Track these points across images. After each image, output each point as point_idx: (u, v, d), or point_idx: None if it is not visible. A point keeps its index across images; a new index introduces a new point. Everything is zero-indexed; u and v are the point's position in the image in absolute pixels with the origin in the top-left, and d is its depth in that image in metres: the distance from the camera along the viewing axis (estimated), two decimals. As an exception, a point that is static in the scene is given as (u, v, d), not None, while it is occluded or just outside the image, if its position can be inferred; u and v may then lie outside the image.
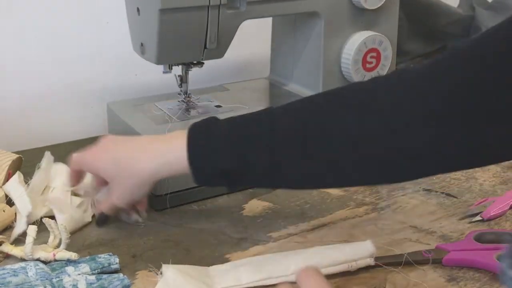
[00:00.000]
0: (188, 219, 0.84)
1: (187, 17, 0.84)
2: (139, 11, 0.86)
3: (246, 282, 0.69)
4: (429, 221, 0.83)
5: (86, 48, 1.09)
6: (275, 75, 1.09)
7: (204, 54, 0.89)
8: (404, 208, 0.86)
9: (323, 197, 0.89)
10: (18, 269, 0.68)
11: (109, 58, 1.12)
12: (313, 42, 0.99)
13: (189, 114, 0.93)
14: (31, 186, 0.82)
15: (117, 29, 1.07)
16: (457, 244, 0.76)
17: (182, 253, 0.76)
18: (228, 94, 1.02)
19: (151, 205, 0.86)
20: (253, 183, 0.78)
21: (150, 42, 0.86)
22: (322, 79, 0.99)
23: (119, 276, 0.69)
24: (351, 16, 0.98)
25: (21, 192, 0.80)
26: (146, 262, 0.73)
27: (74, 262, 0.71)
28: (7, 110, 1.05)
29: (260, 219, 0.84)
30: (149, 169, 0.72)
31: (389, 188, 0.92)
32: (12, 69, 1.05)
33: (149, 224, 0.82)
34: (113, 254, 0.73)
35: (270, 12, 0.94)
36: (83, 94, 1.11)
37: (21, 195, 0.80)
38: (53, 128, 1.09)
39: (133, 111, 0.94)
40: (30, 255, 0.71)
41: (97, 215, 0.80)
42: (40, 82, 1.07)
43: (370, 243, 0.72)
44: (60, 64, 1.08)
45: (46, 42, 1.06)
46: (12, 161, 0.87)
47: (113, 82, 1.13)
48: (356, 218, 0.84)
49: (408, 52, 1.42)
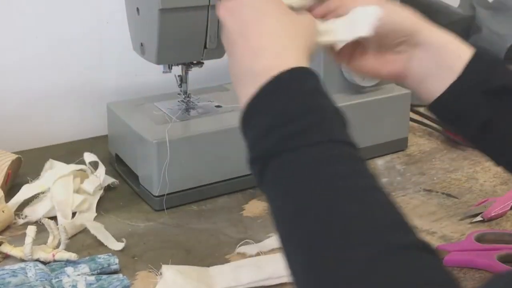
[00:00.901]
0: (188, 219, 0.84)
1: (187, 17, 0.84)
2: (139, 11, 0.86)
3: (246, 282, 0.69)
4: (429, 221, 0.82)
5: (86, 48, 1.09)
6: (275, 75, 1.09)
7: (204, 54, 0.88)
8: (405, 209, 0.86)
9: (323, 198, 0.89)
10: (17, 269, 0.68)
11: (109, 58, 1.11)
12: (313, 42, 0.99)
13: (189, 114, 0.93)
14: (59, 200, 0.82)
15: (117, 29, 1.06)
16: (457, 244, 0.76)
17: (182, 253, 0.76)
18: (228, 94, 1.02)
19: (151, 205, 0.86)
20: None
21: (150, 42, 0.86)
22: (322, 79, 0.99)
23: (118, 276, 0.69)
24: (351, 16, 0.98)
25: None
26: (146, 262, 0.73)
27: (73, 262, 0.71)
28: (7, 110, 1.05)
29: (260, 219, 0.84)
30: None
31: (390, 189, 0.92)
32: (12, 69, 1.05)
33: (149, 224, 0.82)
34: (112, 255, 0.73)
35: (270, 12, 0.94)
36: (83, 94, 1.11)
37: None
38: (53, 128, 1.09)
39: (133, 111, 0.94)
40: (29, 256, 0.71)
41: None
42: (40, 82, 1.07)
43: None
44: (60, 64, 1.08)
45: (46, 42, 1.06)
46: (12, 161, 0.87)
47: (113, 82, 1.13)
48: (356, 219, 0.84)
49: (408, 52, 1.42)
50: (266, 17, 0.58)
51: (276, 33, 0.57)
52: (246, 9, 0.58)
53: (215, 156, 0.87)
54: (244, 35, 0.57)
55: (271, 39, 0.56)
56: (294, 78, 0.53)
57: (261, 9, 0.58)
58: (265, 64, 0.54)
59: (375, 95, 1.01)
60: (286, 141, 0.49)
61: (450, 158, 1.01)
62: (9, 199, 0.83)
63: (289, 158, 0.49)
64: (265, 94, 0.52)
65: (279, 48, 0.56)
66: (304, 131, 0.49)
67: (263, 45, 0.56)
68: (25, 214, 0.82)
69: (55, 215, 0.81)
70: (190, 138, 0.86)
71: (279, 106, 0.51)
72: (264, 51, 0.55)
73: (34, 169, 0.90)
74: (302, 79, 0.54)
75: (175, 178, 0.85)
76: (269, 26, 0.57)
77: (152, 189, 0.85)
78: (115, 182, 0.91)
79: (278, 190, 0.49)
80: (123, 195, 0.90)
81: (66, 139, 1.07)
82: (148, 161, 0.85)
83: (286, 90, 0.52)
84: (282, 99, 0.51)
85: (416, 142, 1.08)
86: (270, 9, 0.58)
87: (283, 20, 0.58)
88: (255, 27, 0.57)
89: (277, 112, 0.51)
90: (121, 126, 0.92)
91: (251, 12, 0.58)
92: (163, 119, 0.90)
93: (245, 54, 0.56)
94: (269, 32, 0.57)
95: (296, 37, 0.58)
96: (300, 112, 0.50)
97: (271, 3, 0.59)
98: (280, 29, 0.57)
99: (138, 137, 0.86)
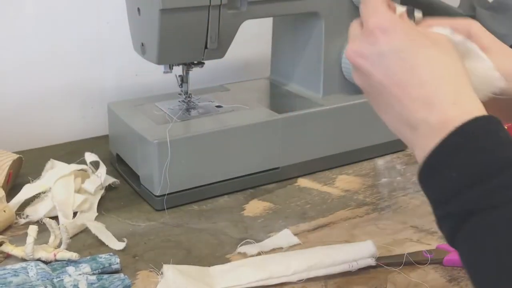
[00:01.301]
0: (189, 219, 0.84)
1: (188, 17, 0.84)
2: (139, 11, 0.86)
3: (247, 282, 0.69)
4: (430, 221, 0.82)
5: (86, 48, 1.09)
6: (275, 75, 1.09)
7: (205, 54, 0.89)
8: (405, 208, 0.87)
9: (323, 197, 0.89)
10: (19, 269, 0.68)
11: (109, 58, 1.12)
12: (313, 42, 0.99)
13: (190, 114, 0.93)
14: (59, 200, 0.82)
15: (117, 29, 1.07)
16: (457, 244, 0.76)
17: (182, 253, 0.76)
18: (228, 94, 1.02)
19: (152, 205, 0.86)
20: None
21: (150, 42, 0.86)
22: (322, 79, 0.99)
23: (120, 276, 0.69)
24: (351, 16, 0.98)
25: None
26: (147, 262, 0.73)
27: (75, 262, 0.71)
28: (7, 110, 1.05)
29: (260, 219, 0.84)
30: None
31: (390, 189, 0.92)
32: (12, 69, 1.05)
33: (150, 224, 0.82)
34: (113, 254, 0.73)
35: (271, 12, 0.94)
36: (83, 94, 1.11)
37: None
38: (53, 128, 1.09)
39: (133, 111, 0.94)
40: (31, 255, 0.71)
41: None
42: (40, 82, 1.07)
43: (371, 243, 0.72)
44: (60, 64, 1.08)
45: (46, 42, 1.06)
46: (12, 161, 0.87)
47: (113, 82, 1.13)
48: (357, 219, 0.84)
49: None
50: (420, 58, 0.52)
51: (441, 77, 0.51)
52: (391, 54, 0.52)
53: (215, 156, 0.88)
54: (400, 84, 0.52)
55: (438, 85, 0.51)
56: (481, 128, 0.49)
57: (410, 50, 0.52)
58: (442, 115, 0.49)
59: (375, 95, 1.01)
60: (486, 197, 0.46)
61: (450, 158, 1.01)
62: (10, 199, 0.83)
63: (493, 214, 0.46)
64: (454, 148, 0.48)
65: (451, 95, 0.50)
66: (506, 188, 0.46)
67: (431, 94, 0.50)
68: (26, 214, 0.82)
69: (56, 215, 0.81)
70: (191, 138, 0.86)
71: (473, 160, 0.48)
72: (435, 99, 0.50)
73: (35, 169, 0.90)
74: (491, 129, 0.49)
75: (176, 178, 0.85)
76: (429, 70, 0.51)
77: (153, 189, 0.85)
78: (116, 182, 0.91)
79: (479, 247, 0.47)
80: (124, 195, 0.90)
81: (67, 139, 1.07)
82: (148, 161, 0.85)
83: (478, 143, 0.48)
84: (476, 153, 0.48)
85: (416, 142, 1.08)
86: (420, 47, 0.52)
87: (441, 58, 0.52)
88: (413, 74, 0.51)
89: (471, 167, 0.48)
90: (122, 126, 0.93)
91: (399, 56, 0.52)
92: (164, 119, 0.90)
93: (410, 106, 0.51)
94: (432, 77, 0.51)
95: (460, 75, 0.52)
96: (498, 167, 0.47)
97: (418, 40, 0.52)
98: (443, 69, 0.51)
99: (139, 137, 0.86)
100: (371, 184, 0.93)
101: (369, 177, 0.96)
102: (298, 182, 0.94)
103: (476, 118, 0.48)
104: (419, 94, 0.51)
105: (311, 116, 0.95)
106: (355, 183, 0.94)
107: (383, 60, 0.53)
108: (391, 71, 0.52)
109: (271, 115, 0.92)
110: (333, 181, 0.94)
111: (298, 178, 0.95)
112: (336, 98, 0.99)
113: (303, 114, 0.94)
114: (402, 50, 0.52)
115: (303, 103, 0.98)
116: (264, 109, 0.95)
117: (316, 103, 0.97)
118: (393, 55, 0.52)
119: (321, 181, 0.94)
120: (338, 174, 0.97)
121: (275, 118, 0.92)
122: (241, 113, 0.93)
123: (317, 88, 1.00)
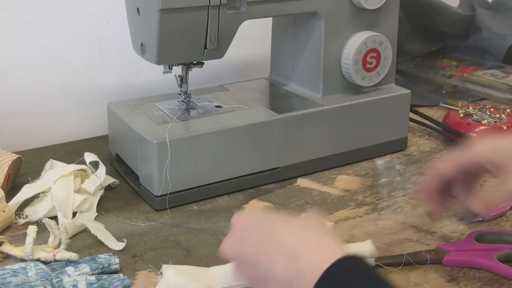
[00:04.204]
0: (188, 219, 0.84)
1: (187, 17, 0.84)
2: (139, 11, 0.86)
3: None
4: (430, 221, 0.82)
5: (86, 48, 1.09)
6: (275, 75, 1.09)
7: (204, 54, 0.89)
8: (405, 208, 0.87)
9: (323, 197, 0.89)
10: (18, 269, 0.68)
11: (109, 58, 1.12)
12: (313, 42, 0.99)
13: (189, 114, 0.93)
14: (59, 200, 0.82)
15: (117, 29, 1.07)
16: (457, 244, 0.76)
17: (182, 253, 0.76)
18: (228, 94, 1.02)
19: (152, 205, 0.86)
20: None
21: (150, 42, 0.86)
22: (322, 79, 0.99)
23: (119, 276, 0.69)
24: (351, 16, 0.98)
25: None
26: (146, 262, 0.73)
27: (74, 262, 0.71)
28: (7, 110, 1.05)
29: (260, 219, 0.84)
30: None
31: (390, 189, 0.92)
32: (12, 69, 1.05)
33: (149, 224, 0.82)
34: (113, 254, 0.73)
35: (270, 12, 0.94)
36: (83, 94, 1.11)
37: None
38: (53, 128, 1.09)
39: (133, 111, 0.94)
40: (30, 255, 0.71)
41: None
42: (40, 82, 1.07)
43: (370, 243, 0.72)
44: (60, 64, 1.08)
45: (46, 42, 1.06)
46: (12, 161, 0.87)
47: (113, 82, 1.13)
48: (356, 218, 0.84)
49: (408, 52, 1.42)
50: (278, 227, 0.59)
51: (298, 233, 0.57)
52: (254, 232, 0.60)
53: (215, 156, 0.88)
54: (263, 251, 0.57)
55: (299, 239, 0.56)
56: (345, 269, 0.53)
57: (265, 223, 0.60)
58: (309, 263, 0.54)
59: (375, 95, 1.01)
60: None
61: (450, 158, 1.01)
62: (9, 199, 0.83)
63: None
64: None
65: (312, 243, 0.56)
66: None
67: (295, 248, 0.55)
68: (26, 214, 0.82)
69: (55, 215, 0.81)
70: (190, 138, 0.86)
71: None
72: (300, 251, 0.55)
73: (35, 169, 0.90)
74: (353, 268, 0.53)
75: (175, 178, 0.85)
76: (287, 232, 0.58)
77: (152, 189, 0.85)
78: (115, 182, 0.91)
79: None
80: (123, 195, 0.90)
81: (66, 139, 1.07)
82: (148, 161, 0.85)
83: (343, 283, 0.52)
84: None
85: (416, 142, 1.08)
86: (275, 219, 0.61)
87: (296, 221, 0.60)
88: (272, 239, 0.57)
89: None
90: (122, 126, 0.93)
91: (260, 231, 0.59)
92: (163, 119, 0.90)
93: (279, 264, 0.55)
94: (289, 234, 0.57)
95: (318, 226, 0.58)
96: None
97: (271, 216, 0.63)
98: (300, 227, 0.58)
99: (138, 137, 0.86)
100: (370, 184, 0.93)
101: (369, 177, 0.96)
102: (297, 182, 0.94)
103: (338, 260, 0.52)
104: (284, 251, 0.55)
105: (311, 116, 0.95)
106: (355, 183, 0.94)
107: (246, 238, 0.59)
108: (255, 243, 0.58)
109: (271, 115, 0.92)
110: (332, 181, 0.94)
111: (297, 178, 0.95)
112: (336, 98, 0.99)
113: (302, 114, 0.94)
114: (258, 225, 0.60)
115: (302, 103, 0.98)
116: (263, 109, 0.95)
117: (316, 103, 0.97)
118: (252, 231, 0.59)
119: (320, 181, 0.94)
120: (337, 174, 0.97)
121: (274, 118, 0.92)
122: (240, 113, 0.93)
123: (316, 88, 1.00)
